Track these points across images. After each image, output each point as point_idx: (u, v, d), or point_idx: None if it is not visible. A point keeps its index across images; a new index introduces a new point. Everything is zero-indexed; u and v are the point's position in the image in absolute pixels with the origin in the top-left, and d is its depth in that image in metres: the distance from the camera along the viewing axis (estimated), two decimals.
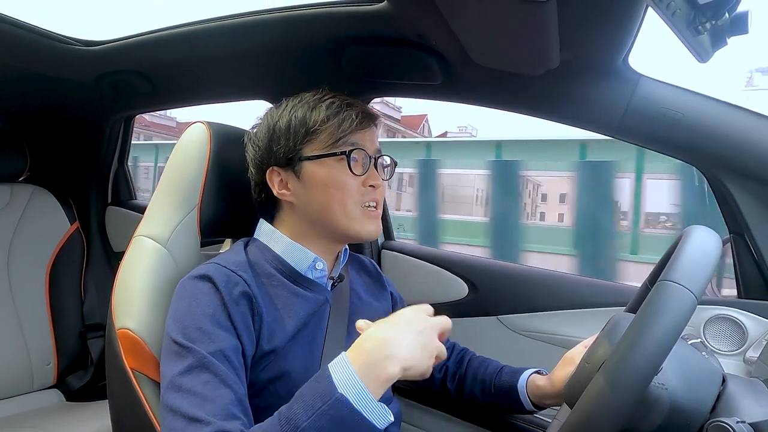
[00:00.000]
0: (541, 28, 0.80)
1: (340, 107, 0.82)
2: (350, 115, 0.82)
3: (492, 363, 1.00)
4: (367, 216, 0.83)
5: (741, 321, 0.99)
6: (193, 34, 1.19)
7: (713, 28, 0.65)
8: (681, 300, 0.53)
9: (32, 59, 1.36)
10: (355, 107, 0.83)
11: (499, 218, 5.41)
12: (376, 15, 0.97)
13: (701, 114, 0.97)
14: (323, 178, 0.81)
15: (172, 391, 0.66)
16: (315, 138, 0.82)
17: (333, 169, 0.81)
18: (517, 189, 5.64)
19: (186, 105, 1.63)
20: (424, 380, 1.00)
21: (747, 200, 0.99)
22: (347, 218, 0.82)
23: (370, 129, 0.85)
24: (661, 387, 0.58)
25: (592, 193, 4.80)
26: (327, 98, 0.84)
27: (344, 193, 0.81)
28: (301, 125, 0.82)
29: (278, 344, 0.75)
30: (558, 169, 6.26)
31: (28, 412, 1.47)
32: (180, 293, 0.74)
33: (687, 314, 0.53)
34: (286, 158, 0.83)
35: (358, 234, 0.83)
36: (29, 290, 1.56)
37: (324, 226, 0.83)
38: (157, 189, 0.91)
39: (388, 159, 0.90)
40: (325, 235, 0.85)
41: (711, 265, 0.57)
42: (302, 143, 0.82)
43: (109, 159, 1.82)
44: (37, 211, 1.61)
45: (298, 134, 0.82)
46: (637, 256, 4.77)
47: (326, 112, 0.82)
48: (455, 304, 1.30)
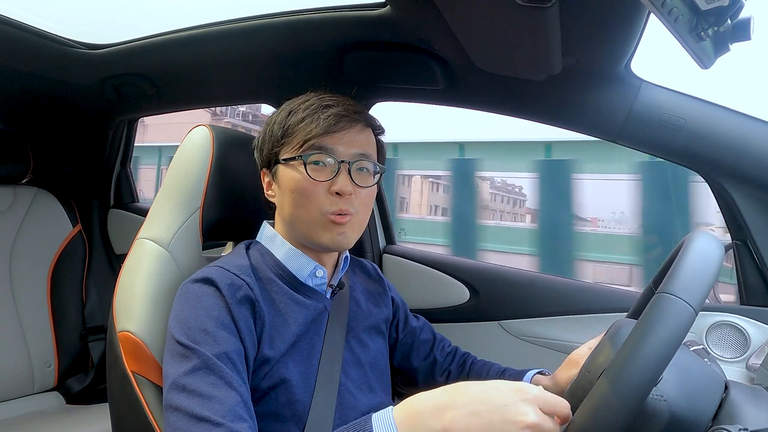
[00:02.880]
0: (544, 33, 0.80)
1: (317, 109, 0.79)
2: (319, 117, 0.78)
3: (494, 366, 1.00)
4: (331, 224, 0.78)
5: (743, 328, 0.99)
6: (197, 38, 1.19)
7: (715, 35, 0.65)
8: (679, 314, 0.52)
9: (36, 62, 1.37)
10: (332, 108, 0.79)
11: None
12: (379, 20, 0.98)
13: (703, 120, 0.97)
14: (289, 183, 0.80)
15: (177, 392, 0.65)
16: (288, 140, 0.80)
17: (298, 173, 0.79)
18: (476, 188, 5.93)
19: (189, 108, 1.64)
20: (426, 384, 1.00)
21: (750, 207, 0.99)
22: (310, 225, 0.79)
23: (349, 131, 0.80)
24: (660, 399, 0.58)
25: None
26: (311, 99, 0.82)
27: (308, 200, 0.78)
28: (279, 127, 0.82)
29: (278, 350, 0.75)
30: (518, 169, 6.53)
31: (28, 415, 1.47)
32: (183, 295, 0.74)
33: (685, 329, 0.52)
34: (268, 161, 0.84)
35: (321, 243, 0.79)
36: (31, 292, 1.56)
37: (296, 231, 0.82)
38: (159, 192, 0.91)
39: (372, 165, 0.83)
40: (303, 242, 0.83)
41: (712, 276, 0.56)
42: (279, 146, 0.82)
43: (111, 162, 1.82)
44: (40, 213, 1.61)
45: (276, 136, 0.82)
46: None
47: (302, 113, 0.80)
48: (457, 308, 1.30)
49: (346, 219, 0.79)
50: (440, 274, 1.34)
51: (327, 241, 0.79)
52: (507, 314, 1.25)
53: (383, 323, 0.95)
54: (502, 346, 1.24)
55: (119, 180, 1.87)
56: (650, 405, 0.57)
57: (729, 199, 1.00)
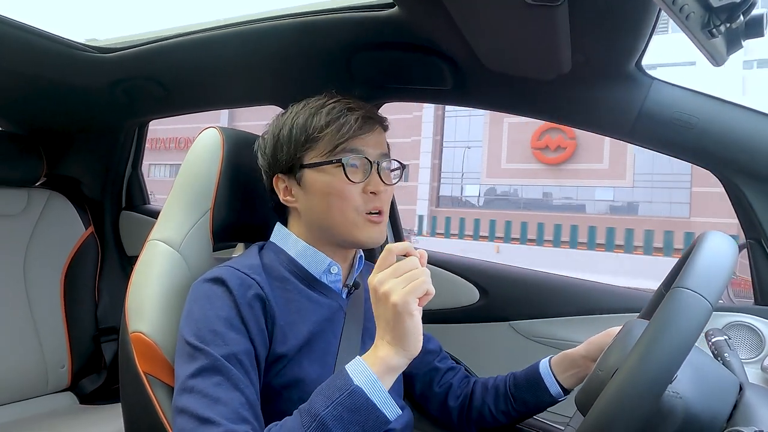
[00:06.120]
0: (553, 32, 0.80)
1: (341, 112, 0.80)
2: (349, 120, 0.80)
3: (500, 375, 0.97)
4: (368, 223, 0.81)
5: (758, 328, 0.97)
6: (206, 41, 1.20)
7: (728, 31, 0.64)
8: (696, 308, 0.52)
9: (47, 66, 1.39)
10: (356, 111, 0.81)
11: None
12: (387, 20, 0.98)
13: (715, 117, 0.96)
14: (323, 186, 0.80)
15: (184, 393, 0.66)
16: (315, 145, 0.81)
17: (332, 176, 0.80)
18: None
19: (199, 111, 1.65)
20: (421, 393, 0.99)
21: (764, 205, 0.98)
22: (348, 225, 0.80)
23: (373, 132, 0.83)
24: (676, 396, 0.57)
25: None
26: (329, 103, 0.82)
27: (344, 201, 0.79)
28: (301, 132, 0.81)
29: (291, 348, 0.75)
30: None
31: (42, 414, 1.49)
32: (193, 295, 0.75)
33: (702, 322, 0.52)
34: (288, 166, 0.83)
35: (360, 241, 0.81)
36: (45, 294, 1.58)
37: (327, 232, 0.82)
38: (170, 194, 0.92)
39: (396, 163, 0.87)
40: (331, 241, 0.84)
41: (727, 271, 0.56)
42: (302, 150, 0.81)
43: (123, 164, 1.84)
44: (53, 215, 1.63)
45: (299, 141, 0.81)
46: None
47: (326, 117, 0.80)
48: (467, 309, 1.29)
49: (382, 219, 0.82)
50: (450, 275, 1.33)
51: (366, 239, 0.81)
52: (517, 315, 1.24)
53: None
54: (511, 347, 1.24)
55: (131, 182, 1.89)
56: (666, 402, 0.57)
57: (742, 197, 0.99)
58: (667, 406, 0.57)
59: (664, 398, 0.56)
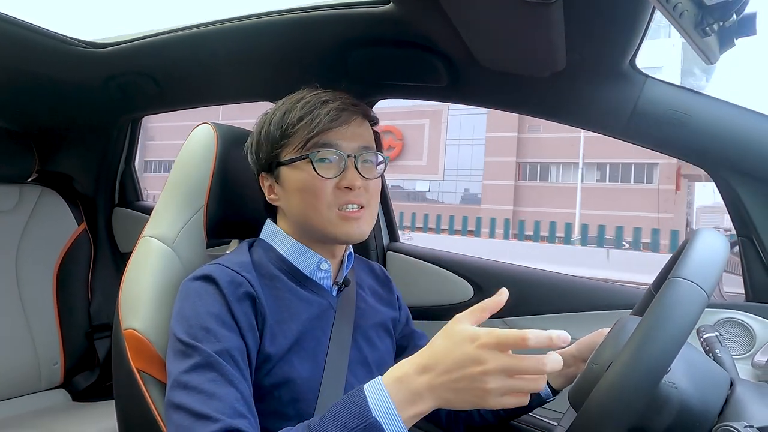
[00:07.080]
0: (547, 29, 0.80)
1: (313, 106, 0.78)
2: (320, 113, 0.77)
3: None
4: (343, 219, 0.78)
5: (749, 324, 0.98)
6: (200, 36, 1.19)
7: (721, 30, 0.64)
8: (692, 296, 0.53)
9: (40, 61, 1.37)
10: (330, 103, 0.78)
11: None
12: (382, 17, 0.97)
13: (709, 116, 0.97)
14: (297, 183, 0.79)
15: (178, 389, 0.66)
16: (289, 141, 0.79)
17: (304, 173, 0.78)
18: None
19: (193, 107, 1.64)
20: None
21: (755, 202, 0.99)
22: (323, 222, 0.78)
23: (349, 124, 0.79)
24: (672, 386, 0.58)
25: None
26: (306, 97, 0.80)
27: (315, 198, 0.77)
28: (277, 129, 0.80)
29: (281, 347, 0.75)
30: None
31: (35, 412, 1.48)
32: (184, 293, 0.74)
33: (698, 310, 0.53)
34: (268, 164, 0.82)
35: (335, 236, 0.79)
36: (37, 290, 1.57)
37: (308, 230, 0.81)
38: (163, 190, 0.91)
39: (376, 156, 0.83)
40: (314, 238, 0.82)
41: (721, 263, 0.57)
42: (278, 148, 0.80)
43: (116, 160, 1.83)
44: (46, 212, 1.62)
45: (275, 139, 0.80)
46: None
47: (300, 112, 0.78)
48: (460, 306, 1.30)
49: (360, 214, 0.79)
50: (444, 272, 1.34)
51: (342, 235, 0.79)
52: (511, 312, 1.24)
53: (390, 322, 0.94)
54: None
55: (124, 178, 1.88)
56: (663, 391, 0.58)
57: (734, 194, 1.00)
58: (663, 396, 0.58)
59: (660, 387, 0.57)
